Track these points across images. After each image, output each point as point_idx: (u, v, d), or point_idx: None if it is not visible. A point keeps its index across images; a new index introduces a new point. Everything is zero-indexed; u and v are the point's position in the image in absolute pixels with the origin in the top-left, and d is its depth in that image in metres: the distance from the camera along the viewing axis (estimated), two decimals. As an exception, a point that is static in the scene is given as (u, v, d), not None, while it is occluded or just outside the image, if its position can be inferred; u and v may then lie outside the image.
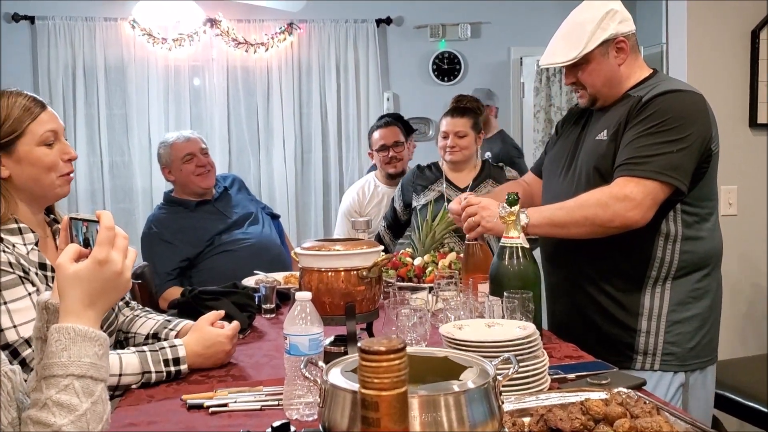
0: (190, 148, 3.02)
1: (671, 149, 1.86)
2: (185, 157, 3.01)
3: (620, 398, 1.25)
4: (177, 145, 3.05)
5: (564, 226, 1.90)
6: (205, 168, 3.03)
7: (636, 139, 1.89)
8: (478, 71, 5.36)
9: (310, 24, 5.11)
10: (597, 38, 1.95)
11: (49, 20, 4.80)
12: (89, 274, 1.03)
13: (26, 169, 1.63)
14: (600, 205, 1.86)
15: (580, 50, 1.95)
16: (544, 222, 1.89)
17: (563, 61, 1.99)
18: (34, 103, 1.65)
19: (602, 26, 1.95)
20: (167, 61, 4.98)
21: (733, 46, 3.28)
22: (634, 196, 1.84)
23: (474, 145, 3.11)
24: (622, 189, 1.85)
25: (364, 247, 1.59)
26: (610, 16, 1.97)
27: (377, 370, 0.78)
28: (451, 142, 3.05)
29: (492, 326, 1.53)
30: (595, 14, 1.97)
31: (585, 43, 1.95)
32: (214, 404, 1.43)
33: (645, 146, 1.87)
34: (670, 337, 1.96)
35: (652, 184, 1.85)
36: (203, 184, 3.02)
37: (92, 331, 1.01)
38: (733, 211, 3.31)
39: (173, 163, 3.03)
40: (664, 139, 1.86)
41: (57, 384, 0.97)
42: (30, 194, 1.66)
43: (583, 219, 1.87)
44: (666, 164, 1.85)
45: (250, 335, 2.02)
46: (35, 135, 1.63)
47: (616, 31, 1.96)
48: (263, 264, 2.76)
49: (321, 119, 5.19)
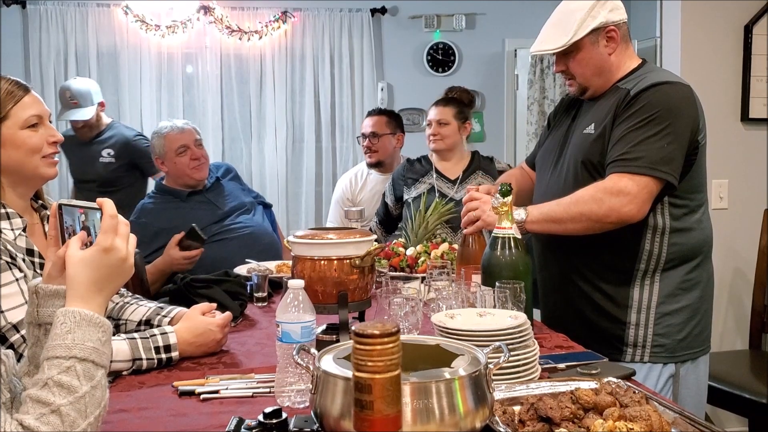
0: (185, 140, 2.98)
1: (662, 143, 1.86)
2: (179, 149, 2.97)
3: (610, 388, 1.25)
4: (171, 136, 3.00)
5: (561, 222, 1.91)
6: (200, 161, 3.00)
7: (627, 134, 1.89)
8: (473, 62, 5.36)
9: (304, 12, 5.09)
10: (587, 26, 1.95)
11: (41, 5, 4.77)
12: (96, 261, 1.06)
13: (11, 152, 1.62)
14: (595, 201, 1.86)
15: (569, 38, 1.95)
16: (541, 218, 1.91)
17: (552, 48, 1.99)
18: (17, 87, 1.64)
19: (592, 14, 1.95)
20: (160, 48, 4.96)
21: (727, 41, 3.29)
22: (629, 191, 1.84)
23: (458, 135, 3.11)
24: (616, 184, 1.86)
25: (357, 236, 1.59)
26: (601, 4, 1.97)
27: (371, 353, 0.79)
28: (434, 130, 3.09)
29: (483, 315, 1.53)
30: (585, 2, 1.97)
31: (574, 31, 1.95)
32: (206, 391, 1.43)
33: (636, 142, 1.87)
34: (660, 329, 1.97)
35: (646, 179, 1.85)
36: (197, 176, 2.99)
37: (97, 317, 1.03)
38: (723, 205, 3.33)
39: (167, 155, 2.99)
40: (655, 133, 1.87)
41: (59, 365, 0.98)
42: (16, 178, 1.65)
43: (579, 215, 1.88)
44: (658, 159, 1.85)
45: (241, 323, 2.03)
46: (19, 118, 1.62)
47: (606, 19, 1.96)
48: (255, 253, 2.76)
49: (314, 108, 5.17)
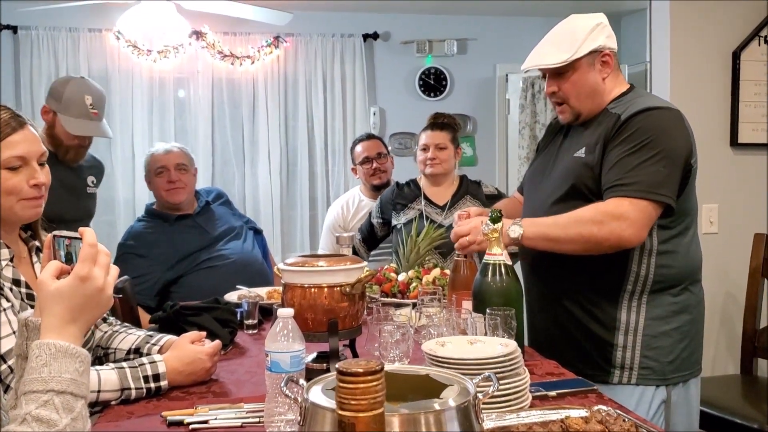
0: (164, 162, 3.03)
1: (658, 167, 1.87)
2: (158, 169, 3.03)
3: (600, 416, 1.25)
4: (155, 156, 3.08)
5: (558, 242, 1.91)
6: (175, 184, 3.01)
7: (622, 159, 1.90)
8: (464, 87, 5.40)
9: (296, 38, 5.12)
10: (588, 46, 1.98)
11: (33, 30, 4.77)
12: (71, 290, 1.04)
13: None
14: (596, 223, 1.86)
15: (571, 54, 1.97)
16: (538, 236, 1.90)
17: (552, 63, 1.99)
18: (10, 121, 1.56)
19: (592, 36, 1.99)
20: (152, 72, 4.97)
21: (715, 67, 3.33)
22: (629, 216, 1.84)
23: (453, 159, 3.13)
24: (617, 208, 1.86)
25: (348, 263, 1.59)
26: (600, 28, 2.01)
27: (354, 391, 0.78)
28: (432, 154, 3.08)
29: (474, 343, 1.53)
30: (586, 24, 2.01)
31: (577, 48, 1.97)
32: (195, 421, 1.41)
33: (632, 167, 1.88)
34: (647, 351, 1.96)
35: (645, 203, 1.86)
36: (170, 199, 3.02)
37: (73, 347, 1.01)
38: (714, 230, 3.34)
39: (149, 174, 3.07)
40: (650, 157, 1.88)
41: (37, 399, 0.96)
42: None
43: (578, 236, 1.88)
44: (656, 182, 1.87)
45: (231, 351, 2.01)
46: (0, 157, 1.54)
47: (605, 43, 2.00)
48: (244, 280, 2.75)
49: (307, 133, 5.18)
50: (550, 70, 2.02)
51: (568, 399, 1.52)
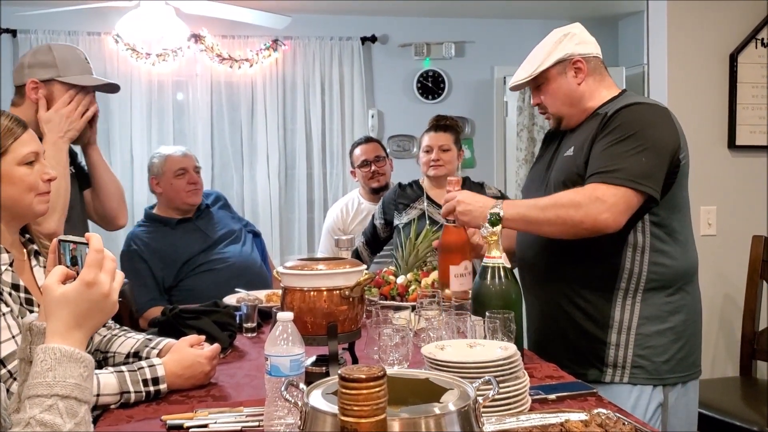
0: (185, 164, 3.05)
1: (640, 158, 1.89)
2: (178, 171, 3.02)
3: (599, 419, 1.25)
4: (172, 158, 3.07)
5: (537, 223, 1.94)
6: (196, 185, 3.05)
7: (605, 149, 1.93)
8: (462, 90, 5.40)
9: (295, 41, 5.13)
10: (552, 58, 2.06)
11: (32, 34, 4.78)
12: (77, 295, 1.04)
13: (7, 188, 1.63)
14: (573, 205, 1.88)
15: (535, 68, 2.07)
16: (517, 217, 1.93)
17: (522, 78, 2.11)
18: (16, 124, 1.66)
19: (559, 47, 2.07)
20: (150, 75, 4.97)
21: (713, 69, 3.34)
22: (606, 199, 1.86)
23: (456, 161, 3.14)
24: (594, 191, 1.88)
25: (347, 267, 1.59)
26: (568, 38, 2.08)
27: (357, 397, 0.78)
28: (435, 156, 3.08)
29: (474, 347, 1.53)
30: (554, 37, 2.11)
31: (542, 61, 2.07)
32: (194, 425, 1.41)
33: (615, 155, 1.90)
34: (639, 350, 1.97)
35: (624, 190, 1.87)
36: (190, 200, 3.02)
37: (78, 352, 1.02)
38: (712, 232, 3.35)
39: (164, 175, 3.04)
40: (633, 148, 1.89)
41: (41, 404, 0.96)
42: (9, 213, 1.65)
43: (555, 217, 1.90)
44: (637, 172, 1.88)
45: (231, 354, 2.01)
46: (18, 155, 1.63)
47: (573, 51, 2.06)
48: (243, 284, 2.75)
49: (305, 136, 5.19)
50: (530, 84, 2.12)
51: (567, 402, 1.52)
